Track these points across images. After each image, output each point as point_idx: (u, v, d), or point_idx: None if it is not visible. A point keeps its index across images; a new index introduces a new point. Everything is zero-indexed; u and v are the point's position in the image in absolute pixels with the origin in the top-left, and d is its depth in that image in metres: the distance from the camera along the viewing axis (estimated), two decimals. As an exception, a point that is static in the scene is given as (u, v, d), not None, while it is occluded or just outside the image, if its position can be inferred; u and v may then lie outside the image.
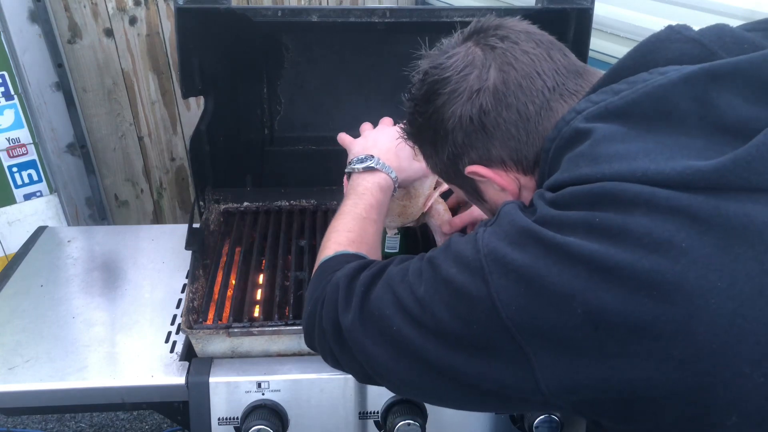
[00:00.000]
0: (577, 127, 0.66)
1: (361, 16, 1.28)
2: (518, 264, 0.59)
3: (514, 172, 0.76)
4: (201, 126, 1.39)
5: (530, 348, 0.59)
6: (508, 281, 0.59)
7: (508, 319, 0.59)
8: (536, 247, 0.59)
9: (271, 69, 1.45)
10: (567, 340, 0.57)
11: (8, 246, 2.10)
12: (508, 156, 0.75)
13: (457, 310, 0.63)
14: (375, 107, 1.50)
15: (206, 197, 1.48)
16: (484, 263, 0.61)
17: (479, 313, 0.61)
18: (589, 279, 0.55)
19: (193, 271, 1.23)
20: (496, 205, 0.80)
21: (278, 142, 1.53)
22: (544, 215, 0.62)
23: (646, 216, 0.56)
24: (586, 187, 0.60)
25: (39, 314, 1.22)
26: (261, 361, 1.10)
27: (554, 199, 0.63)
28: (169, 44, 2.16)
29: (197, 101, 2.24)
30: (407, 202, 1.20)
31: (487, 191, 0.82)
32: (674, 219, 0.55)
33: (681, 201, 0.55)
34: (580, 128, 0.66)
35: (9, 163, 2.04)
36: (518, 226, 0.62)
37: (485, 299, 0.60)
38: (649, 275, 0.54)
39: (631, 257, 0.54)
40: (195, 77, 1.33)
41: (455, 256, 0.65)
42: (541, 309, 0.57)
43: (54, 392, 1.07)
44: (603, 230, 0.57)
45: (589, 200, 0.60)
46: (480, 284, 0.61)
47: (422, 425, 1.05)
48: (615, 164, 0.60)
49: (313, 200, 1.53)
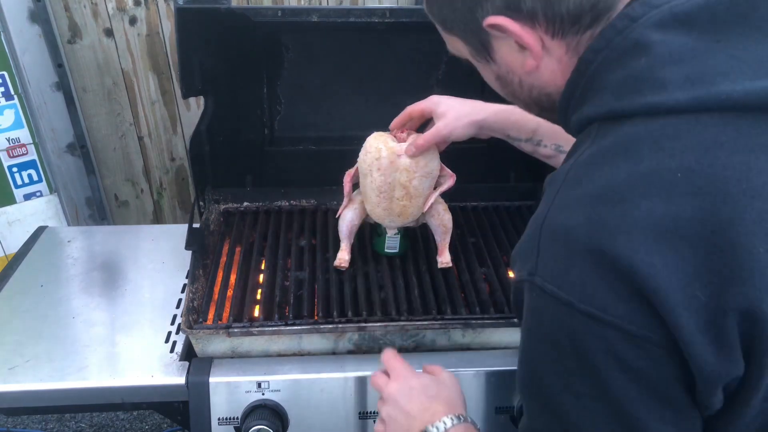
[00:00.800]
0: (635, 39, 0.58)
1: (361, 16, 1.28)
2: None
3: (542, 30, 0.64)
4: (201, 126, 1.40)
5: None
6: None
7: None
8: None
9: (271, 69, 1.45)
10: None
11: (8, 246, 2.10)
12: (541, 9, 0.62)
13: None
14: (375, 107, 1.50)
15: (206, 197, 1.48)
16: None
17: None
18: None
19: (193, 271, 1.23)
20: (506, 69, 0.71)
21: (278, 142, 1.53)
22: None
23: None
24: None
25: (39, 314, 1.22)
26: (261, 361, 1.10)
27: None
28: (169, 44, 2.16)
29: (197, 101, 2.24)
30: (407, 202, 1.20)
31: (500, 49, 0.69)
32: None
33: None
34: (639, 41, 0.58)
35: (9, 163, 2.03)
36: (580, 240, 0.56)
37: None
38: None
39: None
40: (195, 77, 1.33)
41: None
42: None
43: (54, 392, 1.07)
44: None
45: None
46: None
47: (422, 425, 1.05)
48: (689, 89, 0.55)
49: (313, 200, 1.53)
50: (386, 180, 1.17)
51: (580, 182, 0.59)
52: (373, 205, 1.23)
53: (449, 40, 0.76)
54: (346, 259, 1.28)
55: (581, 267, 0.56)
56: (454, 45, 0.76)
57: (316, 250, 1.35)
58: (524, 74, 0.70)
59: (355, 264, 1.30)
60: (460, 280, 1.27)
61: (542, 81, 0.69)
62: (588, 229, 0.56)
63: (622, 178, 0.56)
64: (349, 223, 1.29)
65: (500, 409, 1.09)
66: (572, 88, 0.66)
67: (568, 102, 0.68)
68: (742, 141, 0.54)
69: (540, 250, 0.60)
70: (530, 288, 0.61)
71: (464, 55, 0.76)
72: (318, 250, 1.34)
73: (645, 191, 0.54)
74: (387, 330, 1.11)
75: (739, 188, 0.52)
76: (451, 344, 1.15)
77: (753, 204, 0.52)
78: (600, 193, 0.57)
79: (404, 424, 0.81)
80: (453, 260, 1.29)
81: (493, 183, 1.57)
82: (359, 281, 1.25)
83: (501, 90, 0.77)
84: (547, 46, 0.65)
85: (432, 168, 1.18)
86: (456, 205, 1.48)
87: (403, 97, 1.27)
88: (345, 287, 1.23)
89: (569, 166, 0.62)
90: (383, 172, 1.17)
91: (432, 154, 1.17)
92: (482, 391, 1.09)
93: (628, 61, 0.59)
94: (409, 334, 1.13)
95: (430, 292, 1.22)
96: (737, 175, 0.53)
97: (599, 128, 0.62)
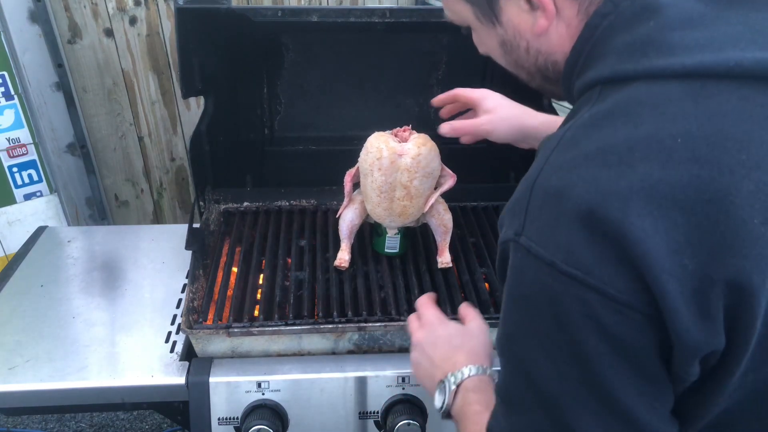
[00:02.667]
0: (644, 2, 0.57)
1: (361, 16, 1.28)
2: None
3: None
4: (201, 126, 1.40)
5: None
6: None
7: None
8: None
9: (271, 69, 1.45)
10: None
11: (8, 246, 2.10)
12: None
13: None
14: (375, 107, 1.51)
15: (206, 197, 1.48)
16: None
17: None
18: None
19: (193, 271, 1.23)
20: (513, 32, 0.69)
21: (278, 142, 1.53)
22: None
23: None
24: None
25: (39, 314, 1.22)
26: (261, 361, 1.10)
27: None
28: (169, 44, 2.16)
29: (197, 101, 2.24)
30: (407, 202, 1.20)
31: (509, 10, 0.67)
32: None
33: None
34: (649, 5, 0.57)
35: (9, 163, 2.03)
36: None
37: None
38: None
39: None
40: (195, 77, 1.33)
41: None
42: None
43: (54, 392, 1.07)
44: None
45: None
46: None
47: (422, 425, 1.05)
48: (697, 54, 0.53)
49: (313, 200, 1.53)
50: (387, 180, 1.17)
51: (577, 143, 0.58)
52: (373, 205, 1.23)
53: (451, 4, 0.73)
54: (346, 259, 1.28)
55: (569, 228, 0.54)
56: (455, 8, 0.73)
57: (316, 250, 1.35)
58: (532, 38, 0.68)
59: (355, 264, 1.30)
60: (460, 280, 1.27)
61: (550, 46, 0.68)
62: (580, 189, 0.54)
63: (620, 141, 0.55)
64: (349, 223, 1.29)
65: (500, 409, 1.09)
66: (578, 54, 0.64)
67: (572, 68, 0.66)
68: (747, 111, 0.53)
69: (528, 210, 0.59)
70: (515, 248, 0.59)
71: (464, 21, 0.73)
72: (318, 250, 1.34)
73: (643, 155, 0.53)
74: (387, 330, 1.11)
75: (738, 158, 0.52)
76: (451, 344, 1.15)
77: (751, 175, 0.51)
78: (596, 154, 0.55)
79: (428, 370, 0.86)
80: (453, 260, 1.29)
81: (493, 183, 1.57)
82: (359, 281, 1.25)
83: (503, 57, 0.74)
84: (559, 6, 0.64)
85: (433, 168, 1.18)
86: (456, 205, 1.48)
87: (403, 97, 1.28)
88: (345, 287, 1.23)
89: (566, 128, 0.61)
90: (384, 172, 1.17)
91: (433, 154, 1.17)
92: (482, 391, 1.09)
93: (636, 25, 0.58)
94: (409, 334, 1.13)
95: (430, 292, 1.22)
96: (738, 145, 0.52)
97: (601, 91, 0.61)
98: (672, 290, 0.51)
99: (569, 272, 0.54)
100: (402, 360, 1.10)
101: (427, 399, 1.07)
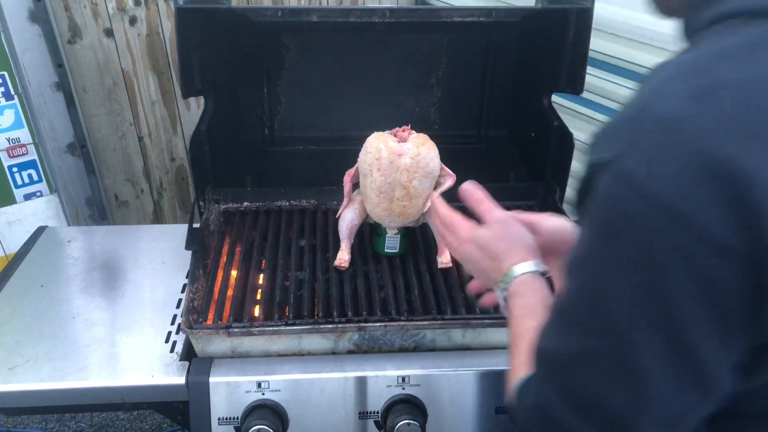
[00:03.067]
0: None
1: (361, 16, 1.28)
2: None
3: None
4: (201, 126, 1.40)
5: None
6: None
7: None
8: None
9: (271, 69, 1.45)
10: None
11: (8, 246, 2.11)
12: None
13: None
14: (375, 107, 1.51)
15: (206, 197, 1.48)
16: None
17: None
18: None
19: (193, 271, 1.23)
20: None
21: (278, 142, 1.53)
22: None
23: None
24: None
25: (39, 314, 1.22)
26: (261, 361, 1.10)
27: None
28: (169, 44, 2.16)
29: (197, 101, 2.24)
30: (407, 202, 1.20)
31: None
32: None
33: None
34: None
35: (9, 163, 2.04)
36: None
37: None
38: None
39: None
40: (195, 77, 1.33)
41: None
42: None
43: (54, 392, 1.07)
44: None
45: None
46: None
47: (422, 425, 1.05)
48: None
49: (313, 200, 1.53)
50: (386, 180, 1.17)
51: (697, 75, 0.55)
52: (373, 205, 1.23)
53: None
54: (346, 259, 1.28)
55: (680, 161, 0.52)
56: None
57: (316, 250, 1.35)
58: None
59: (355, 264, 1.30)
60: (460, 280, 1.27)
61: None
62: (700, 124, 0.51)
63: (748, 79, 0.52)
64: (349, 223, 1.29)
65: (500, 409, 1.09)
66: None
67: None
68: None
69: (635, 134, 0.55)
70: (611, 172, 0.56)
71: None
72: (318, 250, 1.34)
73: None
74: (387, 330, 1.11)
75: None
76: (451, 344, 1.15)
77: None
78: (718, 91, 0.52)
79: (490, 263, 0.88)
80: (453, 260, 1.29)
81: (493, 183, 1.56)
82: (359, 281, 1.25)
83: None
84: None
85: (432, 168, 1.18)
86: (456, 205, 1.47)
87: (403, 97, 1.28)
88: (345, 287, 1.23)
89: (685, 58, 0.57)
90: (383, 172, 1.17)
91: (432, 154, 1.17)
92: (482, 391, 1.09)
93: None
94: (409, 334, 1.13)
95: (430, 292, 1.22)
96: None
97: (730, 25, 0.57)
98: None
99: (672, 206, 0.52)
100: (402, 360, 1.10)
101: (427, 399, 1.07)
